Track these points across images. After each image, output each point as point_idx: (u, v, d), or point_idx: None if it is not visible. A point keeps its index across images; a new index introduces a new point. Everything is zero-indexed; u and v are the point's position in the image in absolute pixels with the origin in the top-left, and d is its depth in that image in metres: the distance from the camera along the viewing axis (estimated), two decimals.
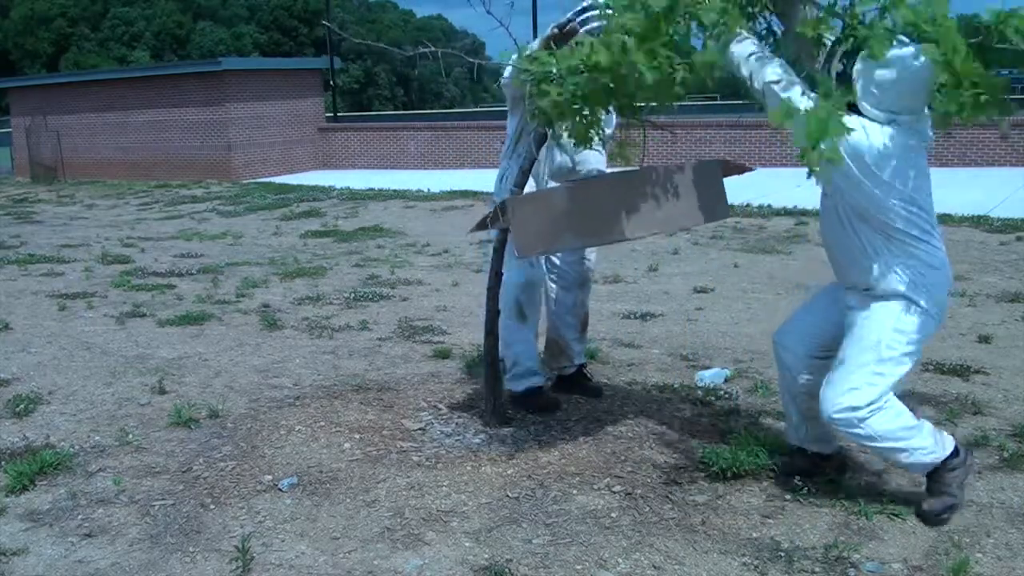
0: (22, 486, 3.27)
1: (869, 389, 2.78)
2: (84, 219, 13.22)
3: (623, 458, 3.42)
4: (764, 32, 2.91)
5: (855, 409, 2.77)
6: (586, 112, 2.92)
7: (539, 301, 3.93)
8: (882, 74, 2.61)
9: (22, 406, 4.14)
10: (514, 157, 3.69)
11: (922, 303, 2.79)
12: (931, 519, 2.86)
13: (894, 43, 2.54)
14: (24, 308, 6.49)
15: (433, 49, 3.52)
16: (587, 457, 3.43)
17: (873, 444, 2.83)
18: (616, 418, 3.84)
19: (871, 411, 2.77)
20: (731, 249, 8.56)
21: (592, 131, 3.03)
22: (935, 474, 2.88)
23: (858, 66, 2.64)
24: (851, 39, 2.62)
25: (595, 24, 3.53)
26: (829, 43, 2.76)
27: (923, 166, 2.78)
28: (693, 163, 3.48)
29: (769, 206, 10.80)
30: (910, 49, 2.55)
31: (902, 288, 2.79)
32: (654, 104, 3.03)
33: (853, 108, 2.66)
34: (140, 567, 2.73)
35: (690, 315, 5.94)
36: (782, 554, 2.71)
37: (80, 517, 3.07)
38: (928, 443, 2.86)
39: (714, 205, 3.45)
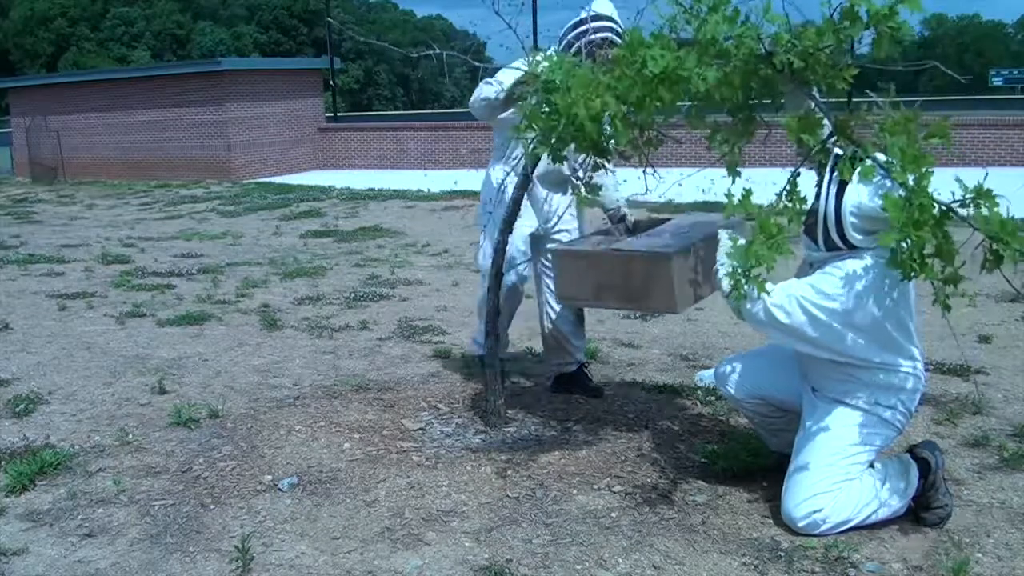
0: (22, 486, 3.27)
1: (831, 493, 2.76)
2: (84, 219, 13.22)
3: (623, 458, 3.42)
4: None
5: (818, 511, 2.76)
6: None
7: (517, 301, 4.18)
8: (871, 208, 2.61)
9: (22, 406, 4.14)
10: (509, 163, 3.79)
11: (888, 417, 2.81)
12: (928, 524, 2.86)
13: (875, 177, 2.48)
14: (24, 308, 6.49)
15: (437, 51, 3.52)
16: (587, 457, 3.43)
17: (845, 529, 2.79)
18: (616, 418, 3.84)
19: (833, 508, 2.76)
20: None
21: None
22: (920, 498, 2.87)
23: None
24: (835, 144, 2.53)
25: (596, 36, 3.55)
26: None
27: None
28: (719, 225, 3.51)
29: (769, 206, 10.78)
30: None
31: (869, 406, 2.80)
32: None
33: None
34: (140, 567, 2.73)
35: (690, 315, 5.93)
36: (782, 554, 2.71)
37: (80, 517, 3.07)
38: (897, 490, 2.83)
39: None
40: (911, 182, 2.28)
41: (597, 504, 3.05)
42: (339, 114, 27.58)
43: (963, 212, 2.28)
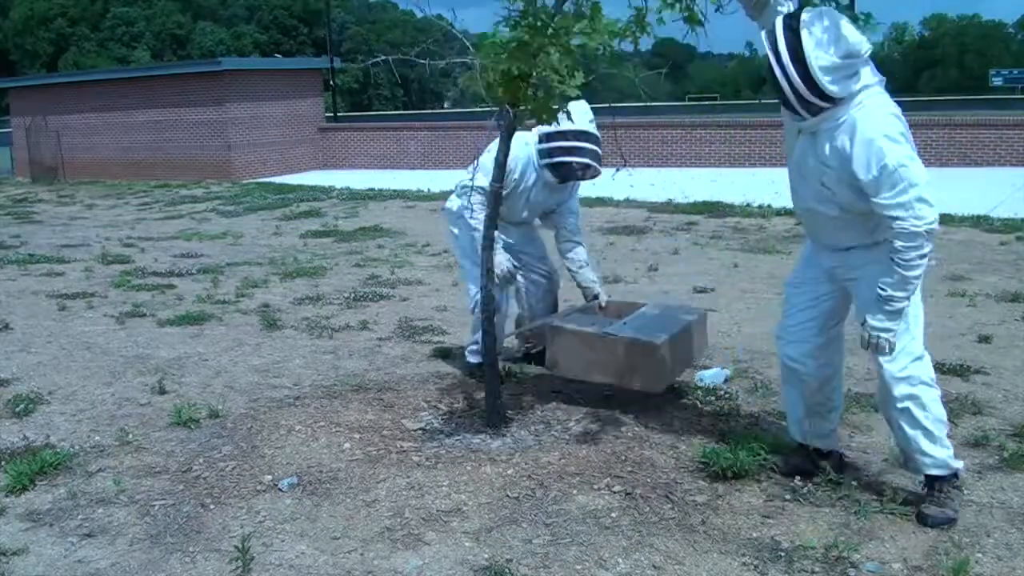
0: (22, 486, 3.27)
1: (920, 341, 2.87)
2: (84, 219, 13.22)
3: (623, 458, 3.42)
4: None
5: (919, 359, 2.85)
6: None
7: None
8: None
9: (22, 406, 4.14)
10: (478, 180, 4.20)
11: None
12: (929, 524, 2.86)
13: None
14: (24, 308, 6.50)
15: (387, 57, 3.83)
16: (587, 457, 3.43)
17: (921, 415, 2.85)
18: (616, 418, 3.84)
19: (929, 379, 2.87)
20: (731, 249, 8.56)
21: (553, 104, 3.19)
22: (943, 484, 2.90)
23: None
24: None
25: (576, 161, 4.14)
26: None
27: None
28: (694, 318, 4.19)
29: (769, 206, 10.81)
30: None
31: None
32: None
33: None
34: (140, 567, 2.73)
35: None
36: (782, 554, 2.71)
37: (80, 517, 3.07)
38: (950, 446, 2.94)
39: (702, 347, 4.36)
40: None
41: (597, 504, 3.05)
42: (339, 114, 27.59)
43: None
